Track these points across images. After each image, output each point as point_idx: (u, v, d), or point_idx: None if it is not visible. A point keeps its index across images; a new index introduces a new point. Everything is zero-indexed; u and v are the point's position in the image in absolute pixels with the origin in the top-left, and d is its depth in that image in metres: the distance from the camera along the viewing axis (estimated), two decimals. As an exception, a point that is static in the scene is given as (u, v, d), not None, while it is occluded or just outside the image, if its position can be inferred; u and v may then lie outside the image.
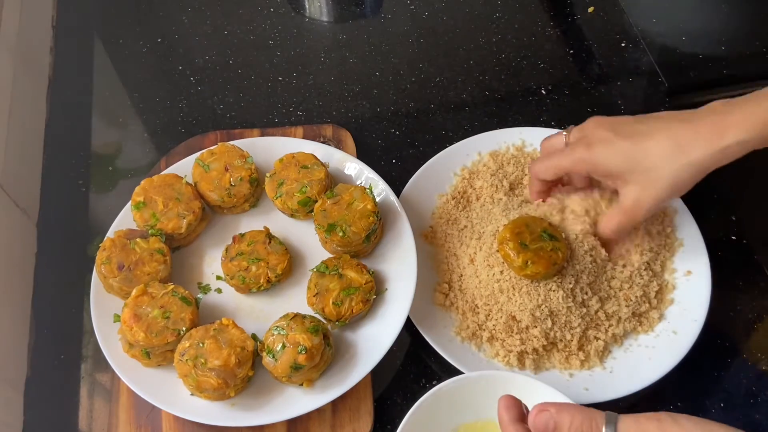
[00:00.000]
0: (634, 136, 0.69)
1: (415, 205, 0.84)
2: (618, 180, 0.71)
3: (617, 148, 0.69)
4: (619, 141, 0.69)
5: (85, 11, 1.08)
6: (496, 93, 0.98)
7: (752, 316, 0.80)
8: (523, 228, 0.75)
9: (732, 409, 0.74)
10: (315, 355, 0.68)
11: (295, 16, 1.07)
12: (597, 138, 0.70)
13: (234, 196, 0.80)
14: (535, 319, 0.74)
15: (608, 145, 0.69)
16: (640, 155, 0.68)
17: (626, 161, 0.69)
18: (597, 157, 0.70)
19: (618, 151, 0.69)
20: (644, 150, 0.68)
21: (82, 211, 0.89)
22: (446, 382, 0.66)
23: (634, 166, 0.68)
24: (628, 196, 0.70)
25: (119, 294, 0.75)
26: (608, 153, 0.69)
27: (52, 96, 0.98)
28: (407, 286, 0.75)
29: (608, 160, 0.70)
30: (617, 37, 1.04)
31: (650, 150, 0.68)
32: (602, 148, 0.70)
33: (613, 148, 0.69)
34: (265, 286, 0.76)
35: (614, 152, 0.69)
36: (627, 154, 0.69)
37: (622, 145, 0.69)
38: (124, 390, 0.74)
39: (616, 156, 0.69)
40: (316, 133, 0.91)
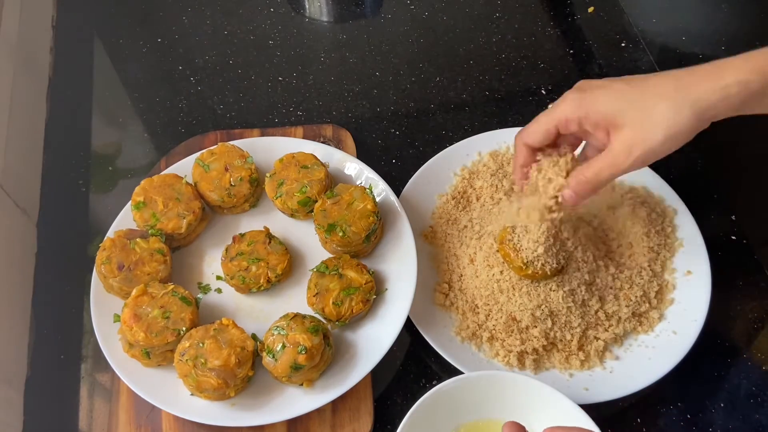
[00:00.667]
0: (631, 80, 0.64)
1: (415, 205, 0.84)
2: (611, 126, 0.64)
3: (612, 88, 0.64)
4: (615, 83, 0.64)
5: (85, 11, 1.08)
6: (496, 93, 0.98)
7: (752, 316, 0.80)
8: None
9: (732, 409, 0.74)
10: (315, 355, 0.68)
11: (295, 16, 1.07)
12: (589, 86, 0.65)
13: (234, 196, 0.80)
14: (535, 319, 0.74)
15: (603, 89, 0.64)
16: (636, 93, 0.62)
17: (621, 100, 0.63)
18: (590, 100, 0.64)
19: (613, 91, 0.63)
20: (641, 88, 0.63)
21: (82, 211, 0.89)
22: (446, 382, 0.66)
23: (630, 103, 0.62)
24: (618, 141, 0.63)
25: (119, 294, 0.75)
26: (602, 94, 0.64)
27: (52, 96, 0.98)
28: (407, 286, 0.75)
29: (603, 102, 0.63)
30: (617, 37, 1.04)
31: (648, 88, 0.62)
32: (596, 91, 0.64)
33: (608, 89, 0.64)
34: (265, 286, 0.76)
35: (609, 94, 0.63)
36: (623, 93, 0.63)
37: (618, 86, 0.64)
38: (124, 390, 0.74)
39: (611, 98, 0.63)
40: (316, 133, 0.91)
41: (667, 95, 0.61)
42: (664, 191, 0.84)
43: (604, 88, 0.64)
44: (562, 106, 0.66)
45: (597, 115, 0.64)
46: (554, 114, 0.66)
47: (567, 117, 0.65)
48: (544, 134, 0.68)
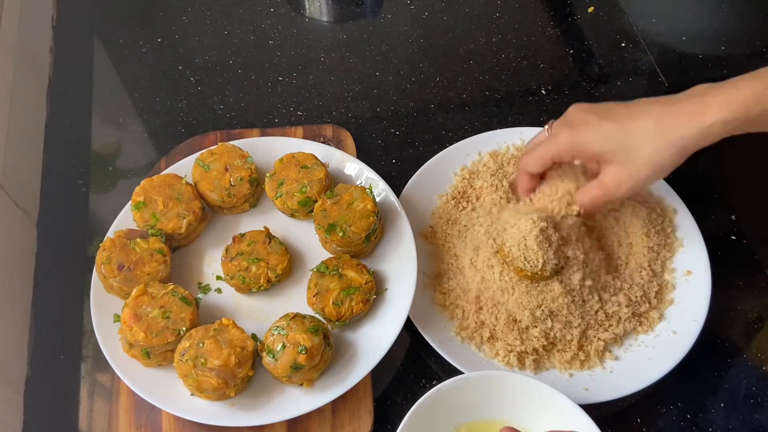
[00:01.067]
0: (617, 118, 0.70)
1: (415, 205, 0.84)
2: (602, 161, 0.71)
3: (600, 128, 0.70)
4: (603, 122, 0.70)
5: (85, 11, 1.08)
6: (496, 93, 0.98)
7: (752, 316, 0.80)
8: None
9: (732, 409, 0.74)
10: (315, 355, 0.68)
11: (295, 16, 1.07)
12: (580, 121, 0.71)
13: (234, 196, 0.80)
14: (535, 319, 0.74)
15: (591, 127, 0.70)
16: (622, 135, 0.69)
17: (609, 141, 0.69)
18: (581, 139, 0.71)
19: (601, 131, 0.70)
20: (627, 130, 0.69)
21: (82, 211, 0.89)
22: (446, 382, 0.66)
23: (617, 146, 0.69)
24: (609, 175, 0.71)
25: (119, 294, 0.75)
26: (592, 134, 0.70)
27: (52, 96, 0.98)
28: (407, 286, 0.75)
29: (592, 142, 0.70)
30: (617, 37, 1.04)
31: (633, 130, 0.68)
32: (586, 130, 0.70)
33: (597, 129, 0.70)
34: (265, 286, 0.76)
35: (598, 133, 0.70)
36: (610, 134, 0.69)
37: (605, 126, 0.69)
38: (124, 390, 0.74)
39: (599, 137, 0.70)
40: (316, 133, 0.91)
41: (650, 138, 0.68)
42: (664, 191, 0.84)
43: (592, 126, 0.70)
44: (556, 141, 0.73)
45: (588, 153, 0.72)
46: (550, 148, 0.74)
47: (561, 152, 0.73)
48: (542, 165, 0.76)
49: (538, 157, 0.75)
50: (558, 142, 0.73)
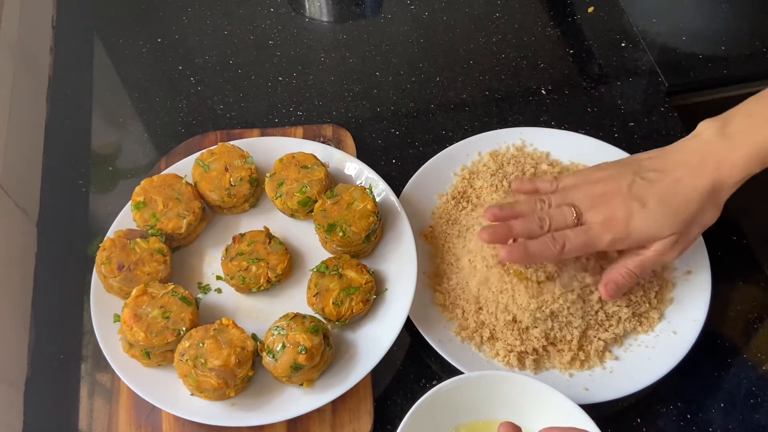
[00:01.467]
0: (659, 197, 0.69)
1: (415, 205, 0.84)
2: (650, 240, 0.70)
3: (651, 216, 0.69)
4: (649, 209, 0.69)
5: (85, 11, 1.08)
6: (496, 93, 0.98)
7: (752, 316, 0.80)
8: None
9: (732, 410, 0.74)
10: (315, 355, 0.68)
11: (295, 16, 1.07)
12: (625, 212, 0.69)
13: (234, 196, 0.80)
14: (535, 320, 0.74)
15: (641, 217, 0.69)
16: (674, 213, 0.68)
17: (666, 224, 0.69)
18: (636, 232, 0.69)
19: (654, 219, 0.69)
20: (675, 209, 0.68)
21: (82, 211, 0.89)
22: (446, 382, 0.66)
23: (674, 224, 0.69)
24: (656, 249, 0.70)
25: (119, 294, 0.75)
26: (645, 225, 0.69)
27: (52, 96, 0.98)
28: (407, 286, 0.75)
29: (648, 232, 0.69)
30: (617, 37, 1.04)
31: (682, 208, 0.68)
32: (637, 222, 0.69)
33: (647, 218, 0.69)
34: (265, 286, 0.76)
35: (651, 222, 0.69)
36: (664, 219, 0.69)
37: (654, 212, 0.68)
38: (124, 390, 0.74)
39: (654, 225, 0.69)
40: (316, 133, 0.91)
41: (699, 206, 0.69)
42: (664, 191, 0.84)
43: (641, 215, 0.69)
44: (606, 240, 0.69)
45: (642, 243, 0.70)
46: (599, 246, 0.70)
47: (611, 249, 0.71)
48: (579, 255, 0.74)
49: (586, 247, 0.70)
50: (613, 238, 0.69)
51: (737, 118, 0.69)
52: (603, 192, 0.70)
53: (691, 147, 0.70)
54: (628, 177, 0.70)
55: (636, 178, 0.70)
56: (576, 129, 0.92)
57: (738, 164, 0.67)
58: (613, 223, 0.69)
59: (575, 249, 0.70)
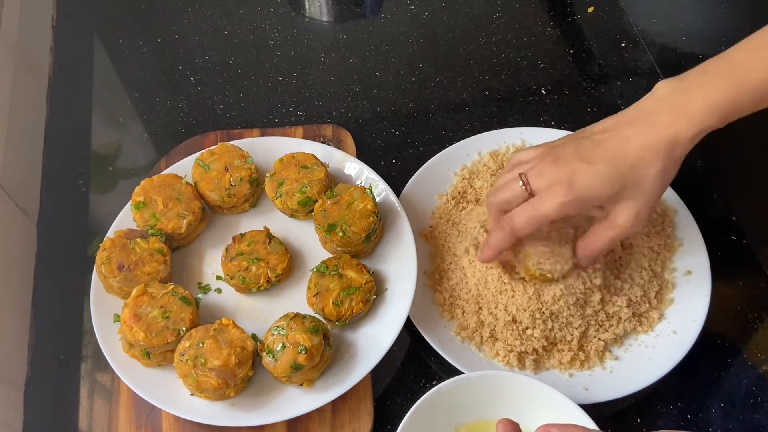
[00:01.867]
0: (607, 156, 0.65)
1: (415, 205, 0.84)
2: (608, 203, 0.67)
3: (597, 175, 0.65)
4: (593, 166, 0.65)
5: (85, 11, 1.08)
6: (496, 93, 0.98)
7: (752, 316, 0.80)
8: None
9: (732, 409, 0.74)
10: (315, 355, 0.68)
11: (295, 16, 1.07)
12: (569, 173, 0.66)
13: (234, 196, 0.80)
14: (535, 320, 0.74)
15: (587, 177, 0.65)
16: (623, 174, 0.65)
17: (613, 184, 0.65)
18: (583, 192, 0.65)
19: (600, 178, 0.65)
20: (624, 166, 0.65)
21: (82, 211, 0.89)
22: (446, 382, 0.66)
23: (623, 185, 0.65)
24: (623, 211, 0.67)
25: (119, 294, 0.75)
26: (592, 184, 0.65)
27: (52, 96, 0.98)
28: (407, 286, 0.75)
29: (596, 191, 0.65)
30: (617, 37, 1.04)
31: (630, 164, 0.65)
32: (583, 182, 0.65)
33: (594, 177, 0.65)
34: (265, 286, 0.76)
35: (598, 181, 0.65)
36: (610, 177, 0.65)
37: (602, 171, 0.65)
38: (124, 390, 0.74)
39: (601, 184, 0.65)
40: (316, 133, 0.91)
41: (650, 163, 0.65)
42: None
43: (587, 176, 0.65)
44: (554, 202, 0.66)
45: (592, 203, 0.67)
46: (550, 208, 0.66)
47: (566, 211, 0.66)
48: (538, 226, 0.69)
49: (536, 219, 0.67)
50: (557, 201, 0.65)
51: (693, 75, 0.67)
52: (550, 159, 0.68)
53: (643, 105, 0.67)
54: (576, 140, 0.68)
55: (584, 140, 0.68)
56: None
57: (694, 117, 0.64)
58: (558, 187, 0.66)
59: (525, 223, 0.67)
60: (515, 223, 0.68)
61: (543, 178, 0.67)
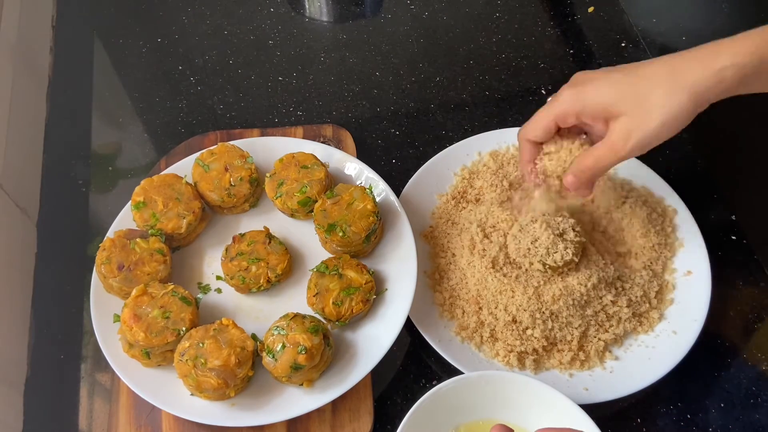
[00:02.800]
0: (624, 69, 0.66)
1: (415, 205, 0.84)
2: (608, 115, 0.65)
3: (608, 80, 0.65)
4: (609, 74, 0.65)
5: (85, 11, 1.08)
6: (496, 93, 0.98)
7: (752, 316, 0.80)
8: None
9: (732, 409, 0.74)
10: (315, 355, 0.68)
11: (295, 16, 1.07)
12: (584, 79, 0.67)
13: (234, 196, 0.80)
14: (535, 320, 0.74)
15: (597, 81, 0.66)
16: (632, 83, 0.64)
17: (617, 90, 0.64)
18: (585, 94, 0.66)
19: (609, 83, 0.65)
20: (636, 77, 0.64)
21: (82, 211, 0.89)
22: (446, 382, 0.66)
23: (625, 93, 0.64)
24: (617, 128, 0.64)
25: (119, 294, 0.75)
26: (599, 87, 0.65)
27: (52, 96, 0.98)
28: (407, 286, 0.75)
29: (599, 94, 0.65)
30: (617, 37, 1.04)
31: (642, 76, 0.64)
32: (590, 85, 0.66)
33: (604, 81, 0.65)
34: (265, 286, 0.76)
35: (605, 85, 0.65)
36: (618, 83, 0.64)
37: (613, 77, 0.65)
38: (124, 390, 0.74)
39: (607, 88, 0.65)
40: (316, 133, 0.91)
41: (662, 81, 0.63)
42: (664, 191, 0.84)
43: (599, 79, 0.66)
44: (559, 100, 0.67)
45: (594, 107, 0.65)
46: (552, 109, 0.68)
47: (565, 111, 0.67)
48: (545, 129, 0.69)
49: (540, 119, 0.69)
50: (561, 101, 0.67)
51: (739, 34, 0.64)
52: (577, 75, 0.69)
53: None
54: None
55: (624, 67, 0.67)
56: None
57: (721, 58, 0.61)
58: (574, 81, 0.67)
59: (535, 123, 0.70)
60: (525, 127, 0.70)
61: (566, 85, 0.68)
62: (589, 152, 0.67)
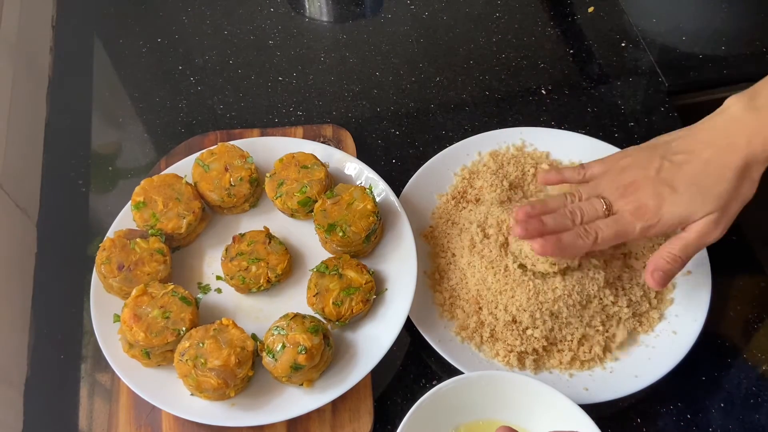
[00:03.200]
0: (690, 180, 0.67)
1: (415, 205, 0.84)
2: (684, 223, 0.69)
3: (681, 202, 0.67)
4: (680, 195, 0.67)
5: (85, 11, 1.08)
6: (496, 93, 0.98)
7: (752, 316, 0.80)
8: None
9: (732, 409, 0.74)
10: (315, 355, 0.68)
11: (295, 16, 1.07)
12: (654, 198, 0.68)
13: (234, 196, 0.80)
14: (535, 320, 0.74)
15: (671, 203, 0.68)
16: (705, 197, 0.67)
17: (695, 208, 0.67)
18: (668, 218, 0.68)
19: (684, 204, 0.67)
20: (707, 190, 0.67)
21: (82, 211, 0.89)
22: (446, 382, 0.66)
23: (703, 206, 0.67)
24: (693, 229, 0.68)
25: (119, 294, 0.75)
26: (677, 210, 0.67)
27: (52, 96, 0.98)
28: (407, 286, 0.75)
29: (678, 216, 0.68)
30: (617, 37, 1.04)
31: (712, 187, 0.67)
32: (668, 208, 0.68)
33: (678, 204, 0.67)
34: (265, 286, 0.76)
35: (682, 207, 0.67)
36: (693, 202, 0.67)
37: (685, 198, 0.67)
38: (124, 390, 0.74)
39: (684, 210, 0.68)
40: (316, 133, 0.91)
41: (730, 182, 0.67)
42: (664, 191, 0.84)
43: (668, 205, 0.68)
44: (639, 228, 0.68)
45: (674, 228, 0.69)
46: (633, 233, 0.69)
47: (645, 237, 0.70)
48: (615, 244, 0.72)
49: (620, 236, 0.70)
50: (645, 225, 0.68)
51: (765, 92, 0.67)
52: (632, 180, 0.70)
53: (718, 124, 0.69)
54: (655, 162, 0.69)
55: (663, 162, 0.69)
56: (576, 129, 0.92)
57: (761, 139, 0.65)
58: (644, 211, 0.68)
59: (608, 239, 0.70)
60: (600, 236, 0.70)
61: (627, 201, 0.69)
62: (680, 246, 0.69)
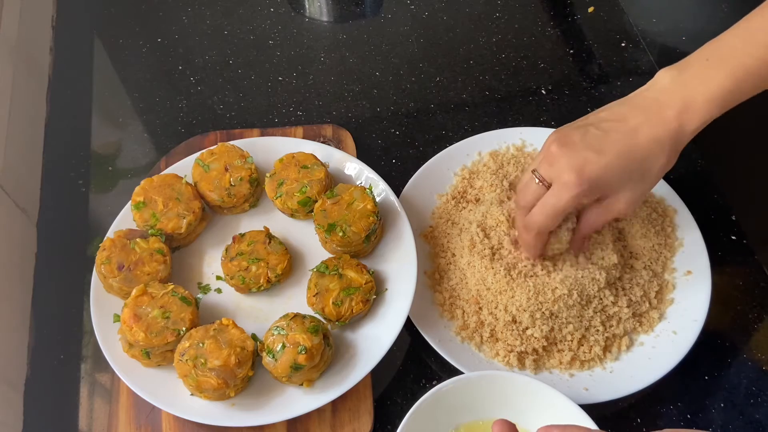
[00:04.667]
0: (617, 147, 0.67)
1: (415, 205, 0.84)
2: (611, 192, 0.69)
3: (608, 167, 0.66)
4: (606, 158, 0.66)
5: (85, 11, 1.08)
6: (496, 93, 0.98)
7: (752, 316, 0.80)
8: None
9: (732, 409, 0.74)
10: (315, 355, 0.68)
11: (295, 16, 1.07)
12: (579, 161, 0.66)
13: (234, 196, 0.80)
14: (535, 320, 0.74)
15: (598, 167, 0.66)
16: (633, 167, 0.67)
17: (622, 176, 0.67)
18: (595, 182, 0.67)
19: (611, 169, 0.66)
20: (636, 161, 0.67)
21: (82, 211, 0.89)
22: (446, 382, 0.66)
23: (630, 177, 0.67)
24: (622, 200, 0.69)
25: (119, 294, 0.75)
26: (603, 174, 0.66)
27: (52, 96, 0.98)
28: (407, 286, 0.75)
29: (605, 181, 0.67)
30: (617, 37, 1.04)
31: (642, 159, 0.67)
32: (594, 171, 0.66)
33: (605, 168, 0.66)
34: (265, 286, 0.76)
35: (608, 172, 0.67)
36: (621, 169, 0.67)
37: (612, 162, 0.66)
38: (124, 390, 0.74)
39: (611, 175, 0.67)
40: (316, 133, 0.91)
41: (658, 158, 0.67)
42: (664, 191, 0.84)
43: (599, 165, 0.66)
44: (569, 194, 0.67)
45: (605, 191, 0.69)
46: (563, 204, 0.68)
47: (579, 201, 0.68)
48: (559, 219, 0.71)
49: (552, 213, 0.69)
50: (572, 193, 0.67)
51: (694, 64, 0.68)
52: (557, 146, 0.68)
53: (647, 95, 0.68)
54: (582, 127, 0.68)
55: (589, 127, 0.68)
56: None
57: (698, 110, 0.65)
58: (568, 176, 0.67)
59: (546, 221, 0.70)
60: (538, 225, 0.70)
61: (553, 167, 0.68)
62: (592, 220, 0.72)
